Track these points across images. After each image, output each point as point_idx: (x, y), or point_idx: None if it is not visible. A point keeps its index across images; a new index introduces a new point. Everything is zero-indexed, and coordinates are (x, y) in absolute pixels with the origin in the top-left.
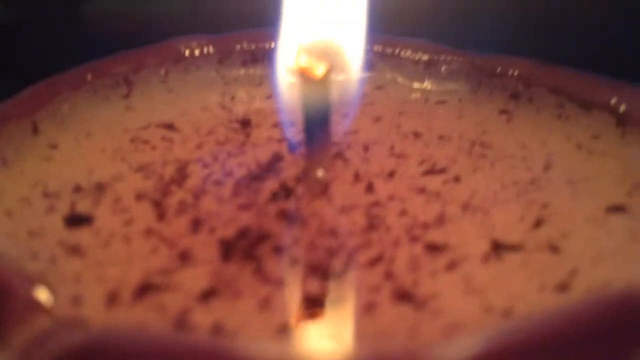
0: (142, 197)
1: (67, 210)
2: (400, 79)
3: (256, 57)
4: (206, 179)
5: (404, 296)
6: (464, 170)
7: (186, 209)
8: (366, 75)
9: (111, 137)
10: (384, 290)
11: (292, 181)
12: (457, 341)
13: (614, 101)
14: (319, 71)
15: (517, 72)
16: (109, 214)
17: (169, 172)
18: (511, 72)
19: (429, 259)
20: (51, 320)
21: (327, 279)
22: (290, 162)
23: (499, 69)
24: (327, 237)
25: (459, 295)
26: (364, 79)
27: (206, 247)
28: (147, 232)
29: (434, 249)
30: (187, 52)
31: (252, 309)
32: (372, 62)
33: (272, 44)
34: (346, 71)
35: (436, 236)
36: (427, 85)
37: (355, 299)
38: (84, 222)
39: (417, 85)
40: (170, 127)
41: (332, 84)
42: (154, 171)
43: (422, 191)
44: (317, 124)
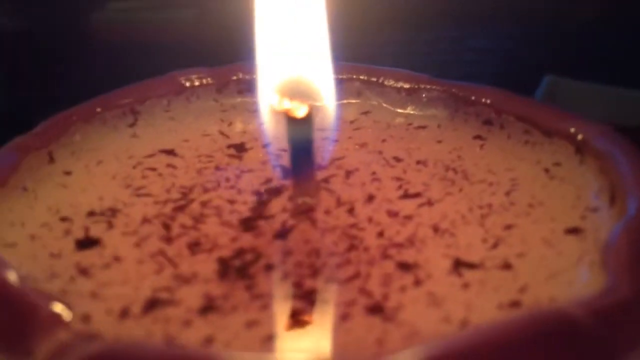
0: (148, 220)
1: (82, 233)
2: (384, 105)
3: (251, 86)
4: (206, 203)
5: (374, 309)
6: (437, 194)
7: (188, 231)
8: (352, 101)
9: (120, 164)
10: (358, 304)
11: (281, 205)
12: (408, 349)
13: (572, 130)
14: (300, 112)
15: (489, 101)
16: (119, 237)
17: (173, 197)
18: (484, 100)
19: (399, 276)
20: (70, 333)
21: (312, 294)
22: (280, 187)
23: (473, 97)
24: (312, 257)
25: (423, 308)
26: (347, 106)
27: (205, 265)
28: (154, 253)
29: (404, 267)
30: (187, 83)
31: (244, 322)
32: (358, 89)
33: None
34: (324, 100)
35: (408, 255)
36: (409, 110)
37: (332, 312)
38: (97, 244)
39: (400, 110)
40: (173, 153)
41: (314, 121)
42: (159, 196)
43: (398, 214)
44: (302, 156)
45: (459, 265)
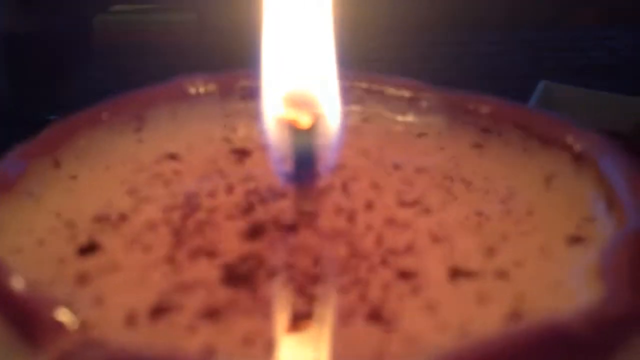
0: (155, 226)
1: (88, 239)
2: (385, 112)
3: (254, 92)
4: (209, 209)
5: (373, 316)
6: (435, 202)
7: (192, 237)
8: (354, 108)
9: (125, 170)
10: (358, 311)
11: (283, 213)
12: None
13: (570, 138)
14: (304, 122)
15: (488, 109)
16: (124, 242)
17: (178, 202)
18: (482, 108)
19: (398, 284)
20: (77, 340)
21: (313, 301)
22: (283, 193)
23: (472, 106)
24: (313, 264)
25: (420, 316)
26: (349, 113)
27: (209, 272)
28: (160, 259)
29: (403, 274)
30: (193, 89)
31: (246, 328)
32: (360, 97)
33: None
34: (328, 109)
35: (406, 263)
36: (410, 118)
37: (332, 319)
38: (101, 250)
39: (400, 118)
40: (178, 158)
41: (318, 131)
42: (164, 201)
43: (397, 222)
44: (305, 163)
45: (457, 273)
